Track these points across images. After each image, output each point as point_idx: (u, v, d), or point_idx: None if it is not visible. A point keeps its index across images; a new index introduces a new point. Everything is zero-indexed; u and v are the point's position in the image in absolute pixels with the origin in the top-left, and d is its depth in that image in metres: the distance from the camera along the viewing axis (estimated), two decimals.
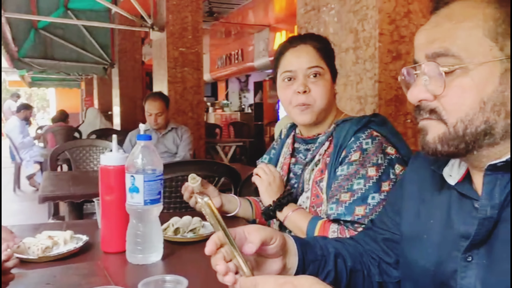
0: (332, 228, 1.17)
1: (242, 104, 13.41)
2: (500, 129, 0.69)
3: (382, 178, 1.17)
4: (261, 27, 9.39)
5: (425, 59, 0.73)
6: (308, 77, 1.26)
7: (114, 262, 1.13)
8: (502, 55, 0.68)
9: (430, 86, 0.72)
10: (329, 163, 1.25)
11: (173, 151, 3.51)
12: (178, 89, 4.67)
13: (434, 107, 0.73)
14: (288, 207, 1.29)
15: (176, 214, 1.41)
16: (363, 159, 1.18)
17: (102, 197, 1.17)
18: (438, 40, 0.72)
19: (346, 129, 1.24)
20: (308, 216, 1.24)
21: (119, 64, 7.34)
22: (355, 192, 1.16)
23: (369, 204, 1.14)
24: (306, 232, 1.21)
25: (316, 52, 1.28)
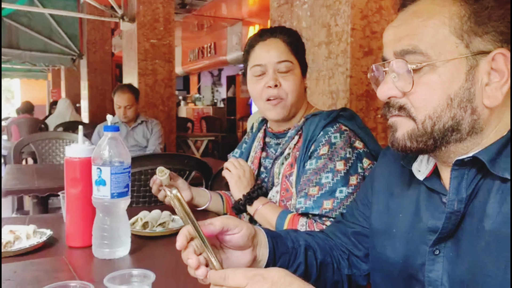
0: (301, 221, 1.17)
1: (214, 98, 13.33)
2: (467, 125, 0.71)
3: (350, 172, 1.18)
4: (234, 20, 9.33)
5: (393, 56, 0.74)
6: (278, 71, 1.26)
7: (80, 257, 1.10)
8: (467, 52, 0.69)
9: (399, 83, 0.73)
10: (298, 157, 1.25)
11: (143, 144, 3.45)
12: (149, 82, 4.60)
13: (403, 104, 0.74)
14: (258, 201, 1.28)
15: (145, 209, 1.38)
16: (331, 153, 1.19)
17: (67, 190, 1.13)
18: (406, 37, 0.72)
19: (315, 123, 1.24)
20: (278, 210, 1.24)
21: (88, 55, 7.15)
22: (323, 186, 1.16)
23: (337, 197, 1.15)
24: (275, 226, 1.21)
25: (286, 46, 1.27)
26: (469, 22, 0.69)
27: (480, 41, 0.69)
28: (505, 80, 0.69)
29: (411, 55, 0.71)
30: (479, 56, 0.69)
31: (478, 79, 0.70)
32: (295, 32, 1.36)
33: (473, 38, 0.69)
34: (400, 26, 0.74)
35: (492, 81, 0.70)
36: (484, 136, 0.72)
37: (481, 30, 0.69)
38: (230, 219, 0.78)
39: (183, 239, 0.72)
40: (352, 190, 1.16)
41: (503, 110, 0.72)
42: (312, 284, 0.67)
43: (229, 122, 10.73)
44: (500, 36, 0.69)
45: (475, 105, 0.70)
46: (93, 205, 1.08)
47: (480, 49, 0.69)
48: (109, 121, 1.13)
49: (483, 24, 0.69)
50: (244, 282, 0.65)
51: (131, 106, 3.36)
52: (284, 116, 1.29)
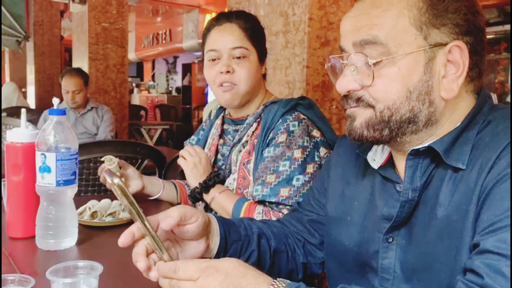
0: (257, 209, 1.17)
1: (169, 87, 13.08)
2: (423, 117, 0.72)
3: (307, 160, 1.18)
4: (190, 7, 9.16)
5: (352, 47, 0.73)
6: (233, 57, 1.24)
7: (22, 249, 1.03)
8: (426, 45, 0.69)
9: (358, 76, 0.73)
10: (256, 145, 1.24)
11: (92, 132, 3.33)
12: (100, 67, 4.43)
13: (361, 95, 0.74)
14: (214, 188, 1.26)
15: (94, 198, 1.32)
16: (289, 141, 1.18)
17: (8, 178, 1.06)
18: (365, 27, 0.71)
19: (274, 111, 1.24)
20: (235, 198, 1.22)
21: (35, 37, 6.79)
22: (280, 174, 1.16)
23: (294, 185, 1.15)
24: (232, 214, 1.20)
25: (241, 32, 1.24)
26: (427, 14, 0.69)
27: (438, 33, 0.70)
28: (461, 72, 0.70)
29: (371, 46, 0.70)
30: (436, 48, 0.70)
31: (436, 71, 0.70)
32: (254, 17, 1.33)
33: (431, 30, 0.69)
34: (358, 16, 0.73)
35: (448, 73, 0.71)
36: (439, 127, 0.73)
37: (439, 22, 0.69)
38: (186, 208, 0.76)
39: (128, 237, 0.69)
40: (308, 178, 1.16)
41: (457, 101, 0.73)
42: (266, 272, 0.66)
43: (184, 111, 10.58)
44: (456, 28, 0.70)
45: (432, 98, 0.71)
46: (36, 194, 1.02)
47: (437, 41, 0.70)
48: (55, 104, 1.06)
49: (440, 16, 0.69)
50: (196, 274, 0.63)
51: (79, 91, 3.22)
52: (237, 102, 1.27)
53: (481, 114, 0.72)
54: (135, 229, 0.69)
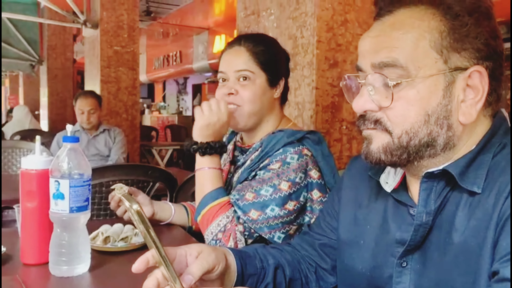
0: (229, 212, 1.16)
1: (180, 107, 13.20)
2: (442, 142, 0.71)
3: (291, 196, 1.15)
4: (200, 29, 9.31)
5: (370, 68, 0.73)
6: (238, 79, 1.24)
7: (35, 275, 1.04)
8: (446, 68, 0.69)
9: (376, 96, 0.72)
10: (249, 164, 1.24)
11: (105, 153, 3.36)
12: (112, 89, 4.50)
13: (379, 117, 0.73)
14: (210, 158, 1.20)
15: (106, 222, 1.32)
16: (281, 171, 1.16)
17: (22, 204, 1.07)
18: (385, 49, 0.71)
19: (277, 139, 1.21)
20: (218, 184, 1.20)
21: (48, 61, 6.93)
22: (259, 197, 1.15)
23: (266, 213, 1.13)
24: (204, 197, 1.18)
25: (248, 55, 1.25)
26: (448, 38, 0.69)
27: (458, 57, 0.69)
28: (480, 97, 0.70)
29: (390, 68, 0.70)
30: (456, 72, 0.69)
31: (455, 95, 0.70)
32: (268, 41, 1.33)
33: (452, 54, 0.69)
34: (378, 37, 0.73)
35: (467, 98, 0.70)
36: (456, 151, 0.72)
37: (460, 46, 0.69)
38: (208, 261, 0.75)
39: (142, 264, 0.68)
40: (283, 214, 1.13)
41: (475, 125, 0.72)
42: None
43: None
44: (477, 53, 0.69)
45: (451, 122, 0.70)
46: (50, 220, 1.03)
47: (457, 65, 0.69)
48: (68, 131, 1.08)
49: (461, 40, 0.69)
50: None
51: (94, 111, 3.27)
52: (242, 124, 1.26)
53: (496, 137, 0.72)
54: (149, 256, 0.69)
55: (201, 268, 0.73)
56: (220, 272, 0.78)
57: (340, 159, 1.85)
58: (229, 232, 1.16)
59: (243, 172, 1.25)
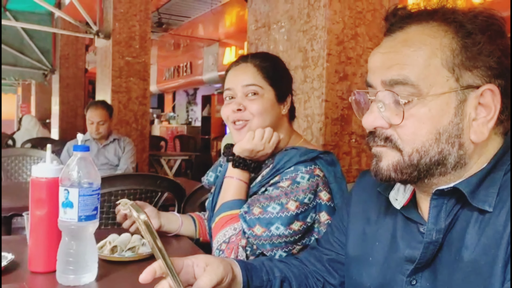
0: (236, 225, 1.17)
1: (189, 117, 13.27)
2: (453, 160, 0.70)
3: (298, 216, 1.14)
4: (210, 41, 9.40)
5: (381, 84, 0.72)
6: (246, 95, 1.24)
7: (42, 283, 1.04)
8: (457, 86, 0.68)
9: (386, 113, 0.71)
10: (259, 180, 1.23)
11: (114, 163, 3.38)
12: (122, 99, 4.53)
13: (390, 135, 0.72)
14: (240, 171, 1.23)
15: (114, 231, 1.33)
16: (290, 190, 1.15)
17: (32, 212, 1.08)
18: (395, 66, 0.70)
19: (289, 157, 1.20)
20: (239, 196, 1.22)
21: (61, 70, 7.03)
22: (265, 213, 1.14)
23: (270, 231, 1.12)
24: (222, 204, 1.22)
25: (256, 71, 1.25)
26: (460, 56, 0.68)
27: (470, 75, 0.68)
28: (492, 116, 0.69)
29: (401, 86, 0.69)
30: (467, 91, 0.68)
31: (466, 114, 0.69)
32: (274, 58, 1.33)
33: (464, 72, 0.68)
34: (388, 53, 0.72)
35: (479, 116, 0.69)
36: (467, 169, 0.71)
37: (472, 64, 0.68)
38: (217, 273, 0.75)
39: (149, 274, 0.68)
40: (288, 233, 1.12)
41: (486, 143, 0.71)
42: None
43: (203, 141, 10.68)
44: (489, 71, 0.68)
45: (462, 140, 0.69)
46: (58, 228, 1.03)
47: (469, 84, 0.68)
48: (79, 140, 1.09)
49: (474, 58, 0.68)
50: None
51: (104, 122, 3.29)
52: None
53: (508, 154, 0.71)
54: (157, 266, 0.69)
55: (211, 281, 0.73)
56: (227, 283, 0.77)
57: (349, 172, 1.84)
58: (232, 244, 1.16)
59: (254, 186, 1.25)
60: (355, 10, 1.84)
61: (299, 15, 1.91)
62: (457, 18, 0.70)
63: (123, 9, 4.47)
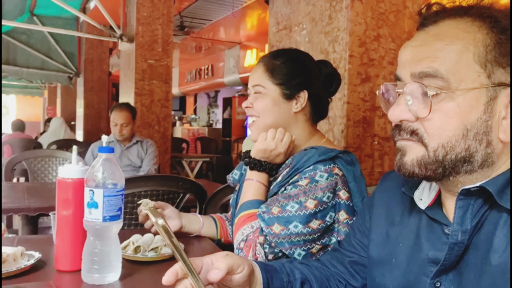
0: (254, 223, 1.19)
1: (210, 120, 13.35)
2: (480, 158, 0.68)
3: (316, 215, 1.13)
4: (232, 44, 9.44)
5: (410, 77, 0.71)
6: (254, 94, 1.30)
7: (68, 282, 1.06)
8: (489, 83, 0.67)
9: (413, 106, 0.70)
10: (278, 181, 1.24)
11: (137, 164, 3.43)
12: (145, 102, 4.60)
13: (416, 128, 0.71)
14: (257, 173, 1.26)
15: (137, 231, 1.35)
16: (309, 188, 1.15)
17: (58, 212, 1.10)
18: (426, 59, 0.69)
19: (308, 156, 1.20)
20: (257, 196, 1.24)
21: (85, 73, 7.18)
22: (284, 212, 1.14)
23: (288, 229, 1.12)
24: (241, 205, 1.24)
25: (263, 71, 1.28)
26: (494, 52, 0.67)
27: (503, 72, 0.67)
28: None
29: (430, 79, 0.68)
30: (499, 88, 0.67)
31: (496, 111, 0.67)
32: (287, 54, 1.32)
33: (496, 68, 0.67)
34: (420, 46, 0.71)
35: (509, 115, 0.67)
36: (495, 169, 0.70)
37: (505, 61, 0.67)
38: (233, 258, 0.75)
39: (171, 276, 0.69)
40: (306, 231, 1.12)
41: None
42: None
43: (224, 143, 10.73)
44: None
45: (490, 138, 0.68)
46: (84, 228, 1.05)
47: (501, 81, 0.67)
48: (104, 142, 1.11)
49: (507, 55, 0.67)
50: None
51: (127, 124, 3.34)
52: (258, 136, 1.28)
53: None
54: (178, 267, 0.70)
55: (227, 263, 0.73)
56: (246, 275, 0.77)
57: (371, 175, 1.82)
58: (250, 242, 1.17)
59: (274, 187, 1.25)
60: (378, 11, 1.82)
61: (320, 17, 1.91)
62: (492, 14, 0.68)
63: (146, 13, 4.54)
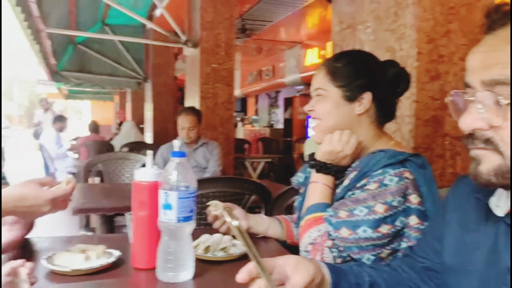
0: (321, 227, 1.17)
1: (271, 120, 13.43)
2: None
3: (386, 219, 1.10)
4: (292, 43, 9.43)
5: (480, 85, 0.68)
6: (316, 97, 1.30)
7: (145, 279, 1.13)
8: None
9: (486, 115, 0.67)
10: (345, 185, 1.22)
11: (203, 165, 3.53)
12: (209, 105, 4.72)
13: (490, 137, 0.68)
14: (324, 176, 1.25)
15: (205, 231, 1.39)
16: (378, 192, 1.12)
17: (134, 213, 1.17)
18: (497, 65, 0.66)
19: (377, 159, 1.18)
20: (324, 199, 1.23)
21: (153, 78, 7.49)
22: (352, 216, 1.12)
23: (357, 233, 1.10)
24: (307, 208, 1.23)
25: (324, 74, 1.27)
26: None
27: None
28: None
29: (502, 86, 0.65)
30: None
31: None
32: (349, 55, 1.31)
33: None
34: (489, 52, 0.68)
35: None
36: None
37: None
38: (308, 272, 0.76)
39: (246, 274, 0.71)
40: (376, 236, 1.09)
41: None
42: None
43: (285, 143, 10.74)
44: None
45: None
46: (158, 228, 1.11)
47: None
48: (176, 147, 1.16)
49: None
50: None
51: (194, 128, 3.46)
52: (320, 138, 1.28)
53: None
54: (252, 267, 0.72)
55: (303, 278, 0.74)
56: (317, 283, 0.78)
57: (442, 176, 1.75)
58: (317, 245, 1.16)
59: (340, 191, 1.24)
60: (447, 6, 1.74)
61: (386, 14, 1.86)
62: None
63: (210, 18, 4.66)
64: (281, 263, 0.76)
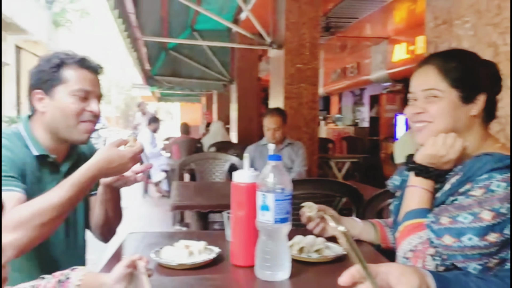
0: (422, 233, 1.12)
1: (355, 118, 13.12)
2: None
3: (494, 227, 1.03)
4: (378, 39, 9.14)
5: None
6: (426, 98, 1.21)
7: (243, 276, 1.18)
8: None
9: None
10: (446, 190, 1.16)
11: (288, 166, 3.57)
12: (293, 105, 4.74)
13: None
14: (424, 180, 1.20)
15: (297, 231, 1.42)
16: (484, 199, 1.05)
17: (233, 212, 1.24)
18: None
19: (482, 163, 1.11)
20: (423, 205, 1.18)
21: (238, 80, 7.70)
22: (455, 223, 1.06)
23: (461, 241, 1.04)
24: (406, 213, 1.19)
25: (436, 73, 1.19)
26: None
27: None
28: None
29: None
30: None
31: None
32: (460, 55, 1.25)
33: None
34: None
35: None
36: None
37: None
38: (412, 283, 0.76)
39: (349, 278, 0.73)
40: (483, 245, 1.02)
41: None
42: None
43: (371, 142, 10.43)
44: None
45: None
46: (255, 228, 1.16)
47: None
48: (271, 150, 1.20)
49: None
50: None
51: (279, 128, 3.51)
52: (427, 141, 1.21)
53: None
54: (355, 271, 0.73)
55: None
56: None
57: None
58: (419, 253, 1.13)
59: (441, 196, 1.19)
60: None
61: (487, 7, 1.75)
62: None
63: (294, 18, 4.68)
64: (384, 270, 0.76)
